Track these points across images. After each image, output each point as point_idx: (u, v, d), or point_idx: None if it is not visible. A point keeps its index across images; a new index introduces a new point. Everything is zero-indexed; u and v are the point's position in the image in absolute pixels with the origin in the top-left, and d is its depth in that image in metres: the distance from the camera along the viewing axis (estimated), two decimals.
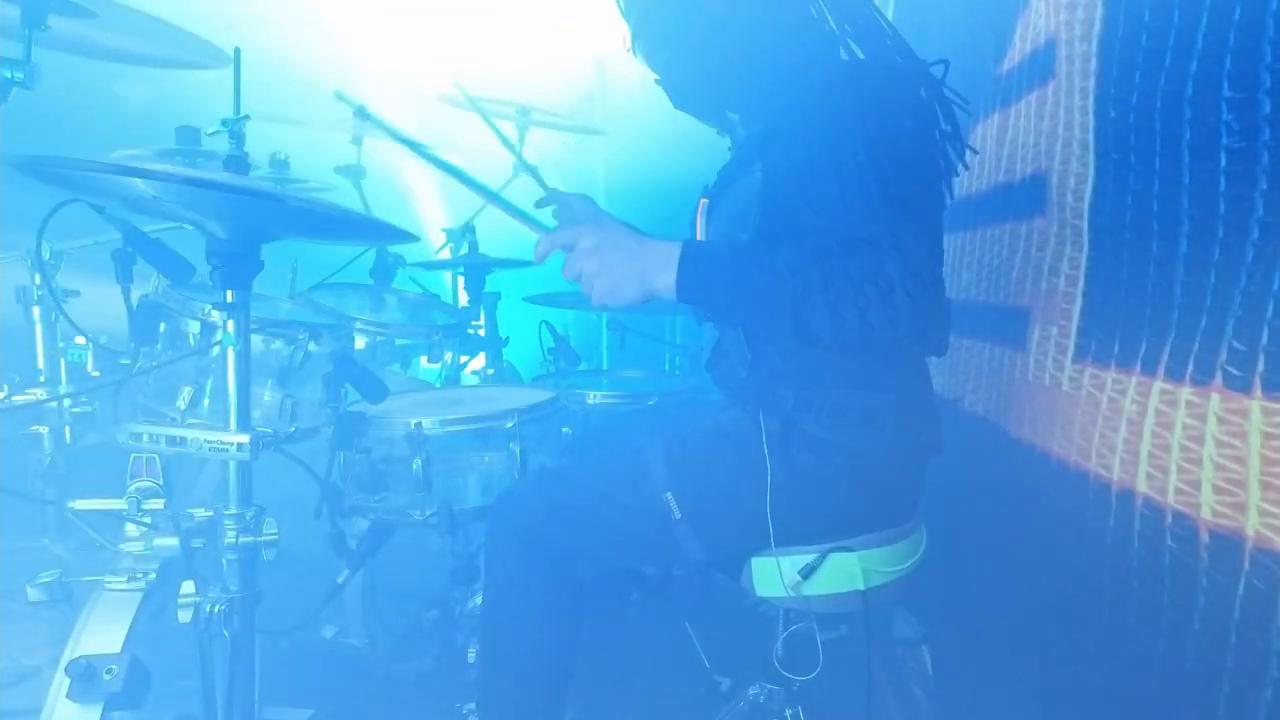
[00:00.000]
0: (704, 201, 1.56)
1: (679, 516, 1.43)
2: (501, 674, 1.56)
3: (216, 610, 1.40)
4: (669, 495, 1.43)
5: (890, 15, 3.00)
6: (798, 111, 1.38)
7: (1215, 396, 1.16)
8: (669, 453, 1.48)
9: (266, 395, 1.92)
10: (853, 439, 1.39)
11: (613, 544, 1.56)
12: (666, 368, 3.34)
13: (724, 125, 1.64)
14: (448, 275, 3.24)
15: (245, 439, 1.38)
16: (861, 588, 1.40)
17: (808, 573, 1.39)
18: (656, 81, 1.56)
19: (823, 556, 1.39)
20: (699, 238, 1.55)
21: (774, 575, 1.41)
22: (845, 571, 1.40)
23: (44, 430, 2.19)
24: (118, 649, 1.39)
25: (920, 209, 1.28)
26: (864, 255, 1.19)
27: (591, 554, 1.58)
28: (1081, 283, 1.61)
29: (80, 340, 2.11)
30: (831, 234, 1.24)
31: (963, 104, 1.46)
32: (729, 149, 1.65)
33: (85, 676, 1.32)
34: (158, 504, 1.43)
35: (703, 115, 1.61)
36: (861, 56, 1.46)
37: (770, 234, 1.37)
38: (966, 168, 1.50)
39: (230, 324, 1.40)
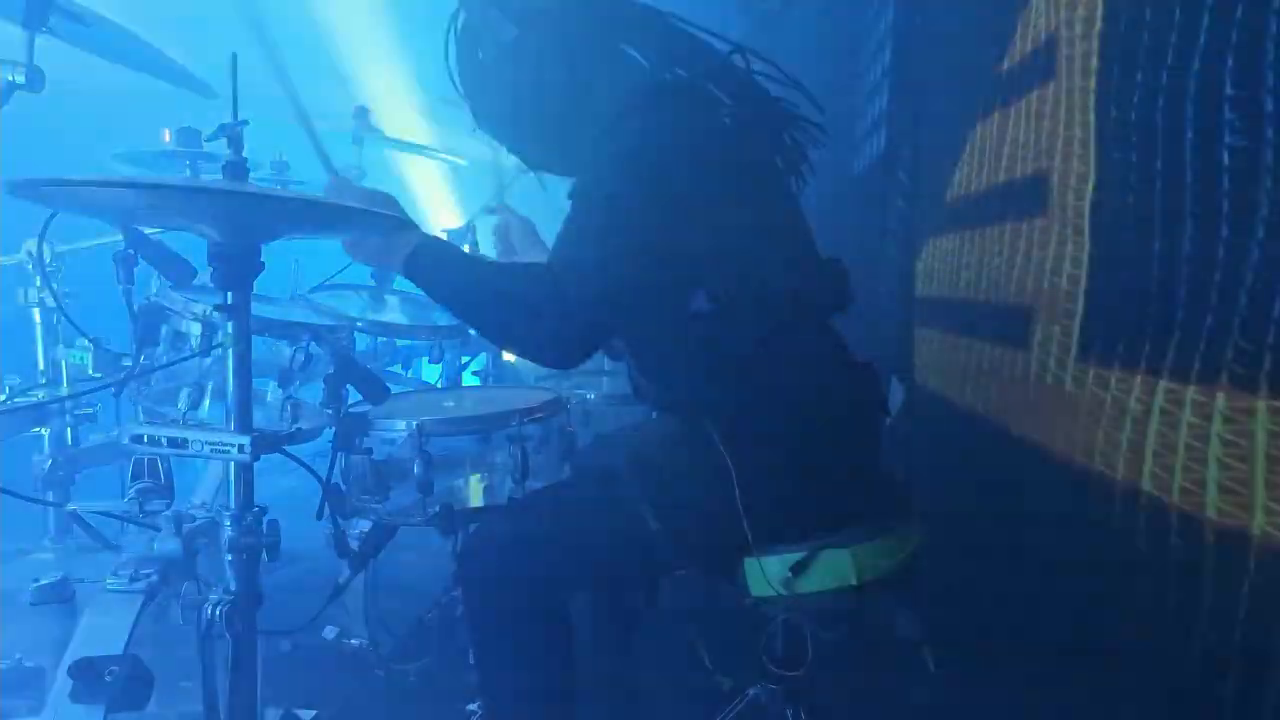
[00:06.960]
0: None
1: (656, 528, 1.41)
2: (505, 712, 1.54)
3: (218, 611, 1.40)
4: (643, 508, 1.42)
5: (890, 16, 3.00)
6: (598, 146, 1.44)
7: (1221, 395, 1.16)
8: (635, 466, 1.48)
9: (268, 396, 1.92)
10: (794, 426, 1.41)
11: (593, 567, 1.53)
12: None
13: None
14: None
15: (246, 440, 1.37)
16: (855, 582, 1.39)
17: (799, 570, 1.39)
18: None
19: (813, 553, 1.39)
20: None
21: (766, 574, 1.41)
22: (837, 566, 1.40)
23: (45, 432, 2.19)
24: (120, 650, 1.39)
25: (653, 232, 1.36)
26: (536, 282, 1.36)
27: (572, 581, 1.55)
28: (1084, 282, 1.60)
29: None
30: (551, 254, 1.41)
31: (809, 118, 1.57)
32: None
33: (87, 678, 1.32)
34: (160, 505, 1.43)
35: (562, 174, 1.64)
36: (684, 75, 1.51)
37: None
38: (806, 182, 1.59)
39: (231, 326, 1.40)
